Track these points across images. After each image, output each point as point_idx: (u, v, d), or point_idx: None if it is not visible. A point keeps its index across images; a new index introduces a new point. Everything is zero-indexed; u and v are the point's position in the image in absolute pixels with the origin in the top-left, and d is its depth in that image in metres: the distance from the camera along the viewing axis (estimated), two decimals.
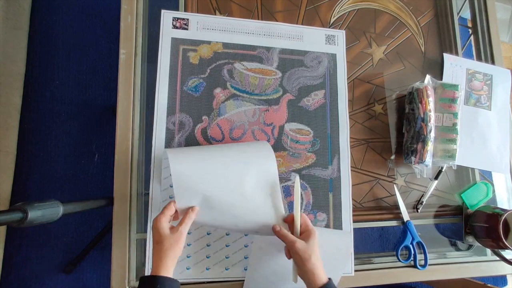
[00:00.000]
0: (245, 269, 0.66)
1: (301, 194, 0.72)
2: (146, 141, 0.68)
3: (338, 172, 0.75)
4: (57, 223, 0.54)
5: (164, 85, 0.70)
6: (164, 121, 0.69)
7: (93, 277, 1.12)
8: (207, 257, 0.66)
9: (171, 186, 0.67)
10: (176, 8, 0.75)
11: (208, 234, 0.67)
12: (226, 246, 0.67)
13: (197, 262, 0.65)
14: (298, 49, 0.78)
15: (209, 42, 0.74)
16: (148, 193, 0.66)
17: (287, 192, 0.72)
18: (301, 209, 0.71)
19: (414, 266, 0.74)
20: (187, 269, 0.65)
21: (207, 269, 0.66)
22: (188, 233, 0.66)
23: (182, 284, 0.64)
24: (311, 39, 0.79)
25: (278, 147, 0.73)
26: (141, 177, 0.67)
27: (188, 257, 0.65)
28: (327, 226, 0.72)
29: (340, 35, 0.81)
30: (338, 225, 0.72)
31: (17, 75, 1.16)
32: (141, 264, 0.65)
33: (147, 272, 0.64)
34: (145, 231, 0.65)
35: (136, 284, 0.64)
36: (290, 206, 0.71)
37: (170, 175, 0.56)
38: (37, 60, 1.21)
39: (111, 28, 1.27)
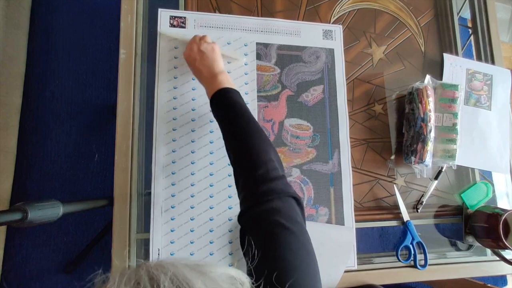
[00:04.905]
0: None
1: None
2: (146, 141, 0.68)
3: (339, 166, 0.75)
4: (57, 223, 0.54)
5: (163, 82, 0.70)
6: (164, 119, 0.69)
7: None
8: (211, 254, 0.66)
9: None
10: (176, 8, 0.75)
11: (211, 231, 0.67)
12: (229, 242, 0.67)
13: (201, 259, 0.65)
14: (296, 45, 0.78)
15: None
16: (150, 192, 0.66)
17: None
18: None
19: (414, 266, 0.74)
20: None
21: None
22: (191, 231, 0.66)
23: None
24: (309, 34, 0.79)
25: (278, 142, 0.73)
26: (141, 177, 0.67)
27: (191, 254, 0.66)
28: (329, 220, 0.72)
29: (337, 30, 0.81)
30: (340, 219, 0.73)
31: (17, 75, 1.16)
32: None
33: None
34: (145, 231, 0.65)
35: None
36: None
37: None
38: (37, 60, 1.21)
39: (111, 28, 1.27)
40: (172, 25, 0.73)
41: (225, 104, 0.57)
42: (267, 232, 0.41)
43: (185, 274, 0.28)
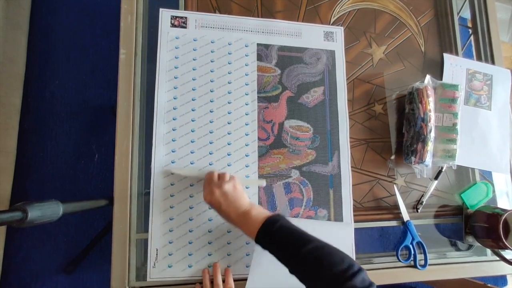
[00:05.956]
0: (247, 266, 0.66)
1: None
2: (146, 141, 0.68)
3: (338, 168, 0.75)
4: (57, 223, 0.54)
5: (164, 82, 0.70)
6: (164, 119, 0.69)
7: (93, 277, 1.12)
8: (209, 255, 0.66)
9: (172, 185, 0.67)
10: (176, 8, 0.75)
11: (210, 231, 0.67)
12: (228, 243, 0.67)
13: (199, 260, 0.66)
14: (297, 46, 0.78)
15: None
16: (149, 192, 0.66)
17: (288, 189, 0.72)
18: (301, 206, 0.72)
19: (414, 266, 0.74)
20: (189, 267, 0.65)
21: (209, 266, 0.66)
22: (190, 231, 0.66)
23: (185, 283, 0.65)
24: (310, 36, 0.80)
25: (278, 144, 0.73)
26: (141, 177, 0.67)
27: (190, 254, 0.65)
28: None
29: (339, 31, 0.81)
30: (339, 221, 0.73)
31: (17, 75, 1.16)
32: (141, 264, 0.65)
33: (149, 272, 0.63)
34: (145, 231, 0.65)
35: (136, 284, 0.64)
36: (290, 203, 0.71)
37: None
38: (37, 60, 1.21)
39: (111, 28, 1.27)
40: (173, 25, 0.73)
41: (280, 237, 0.54)
42: None
43: None
